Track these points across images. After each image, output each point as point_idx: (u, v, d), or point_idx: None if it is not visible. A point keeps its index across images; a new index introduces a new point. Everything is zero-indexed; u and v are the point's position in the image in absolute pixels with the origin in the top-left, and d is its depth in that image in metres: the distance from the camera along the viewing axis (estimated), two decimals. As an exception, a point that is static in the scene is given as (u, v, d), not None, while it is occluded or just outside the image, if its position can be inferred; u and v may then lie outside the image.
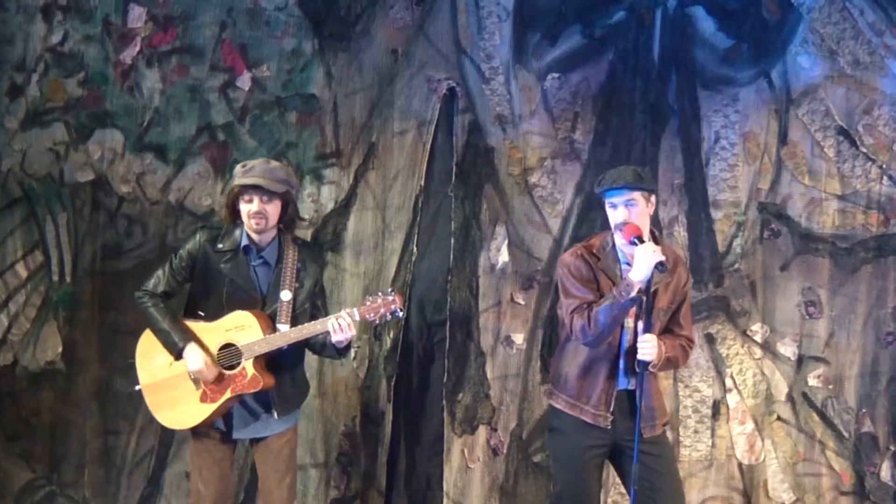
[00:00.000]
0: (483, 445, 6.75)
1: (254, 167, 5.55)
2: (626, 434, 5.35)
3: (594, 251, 5.43)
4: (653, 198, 5.42)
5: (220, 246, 5.62)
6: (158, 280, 5.67)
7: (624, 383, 5.40)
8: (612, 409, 5.37)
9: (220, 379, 5.52)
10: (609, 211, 5.35)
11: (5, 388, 6.95)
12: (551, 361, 5.69)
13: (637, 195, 5.32)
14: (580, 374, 5.42)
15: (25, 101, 6.90)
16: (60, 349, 6.90)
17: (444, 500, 6.72)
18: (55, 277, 6.92)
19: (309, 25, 6.82)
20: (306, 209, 6.78)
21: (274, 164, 5.64)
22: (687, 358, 5.58)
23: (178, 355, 5.55)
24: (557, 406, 5.48)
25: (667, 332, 5.48)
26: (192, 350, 5.52)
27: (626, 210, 5.29)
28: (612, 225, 5.35)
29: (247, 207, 5.53)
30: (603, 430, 5.38)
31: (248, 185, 5.50)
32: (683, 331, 5.52)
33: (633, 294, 5.19)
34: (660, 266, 5.13)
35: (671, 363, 5.45)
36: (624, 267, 5.39)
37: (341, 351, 5.57)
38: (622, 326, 5.36)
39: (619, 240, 5.35)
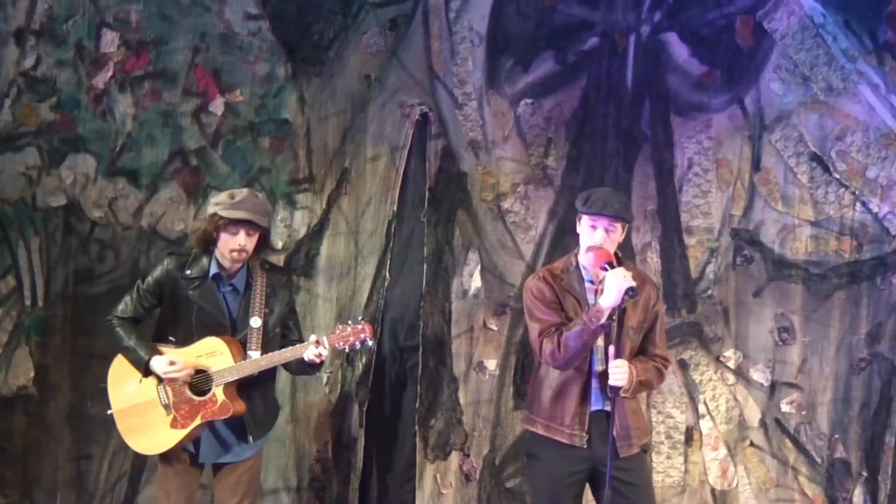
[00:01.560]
0: (456, 471, 6.75)
1: (243, 200, 5.51)
2: (603, 459, 5.28)
3: (556, 273, 5.43)
4: (627, 227, 5.45)
5: (188, 272, 5.62)
6: (126, 305, 5.69)
7: (599, 404, 5.37)
8: (586, 429, 5.34)
9: (190, 402, 5.53)
10: (585, 229, 5.33)
11: (-23, 413, 6.96)
12: (528, 387, 5.68)
13: (618, 224, 5.33)
14: (553, 396, 5.40)
15: (-2, 126, 6.92)
16: (32, 374, 6.88)
17: (417, 526, 6.74)
18: (27, 302, 6.90)
19: (282, 50, 6.81)
20: (279, 234, 6.78)
21: (261, 196, 5.67)
22: (662, 378, 5.56)
23: (145, 369, 5.55)
24: (534, 430, 5.46)
25: (641, 352, 5.47)
26: (157, 360, 5.53)
27: (605, 235, 5.28)
28: (584, 244, 5.35)
29: (231, 240, 5.51)
30: (581, 454, 5.35)
31: (238, 220, 5.50)
32: (658, 350, 5.50)
33: (604, 320, 5.19)
34: (630, 292, 5.12)
35: (644, 386, 5.44)
36: (588, 286, 5.39)
37: (315, 367, 5.58)
38: (592, 347, 5.34)
39: (587, 261, 5.34)
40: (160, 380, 5.58)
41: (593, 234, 5.31)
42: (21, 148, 6.90)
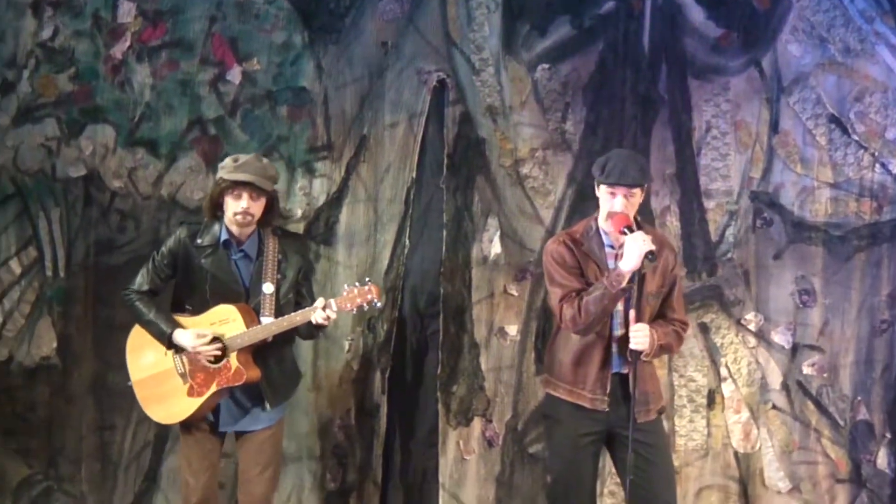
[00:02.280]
0: (478, 437, 6.75)
1: (246, 163, 5.55)
2: (620, 421, 5.36)
3: (577, 237, 5.44)
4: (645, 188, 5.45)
5: (199, 241, 5.65)
6: (143, 278, 5.72)
7: (617, 367, 5.41)
8: (608, 392, 5.37)
9: (206, 370, 5.55)
10: (605, 196, 5.35)
11: (1, 385, 6.97)
12: (545, 351, 5.70)
13: (637, 189, 5.33)
14: (574, 360, 5.42)
15: (17, 98, 6.90)
16: (55, 344, 6.91)
17: (440, 492, 6.73)
18: (49, 273, 6.93)
19: (298, 18, 6.81)
20: (298, 202, 6.80)
21: (265, 160, 5.67)
22: (681, 342, 5.60)
23: (168, 342, 5.58)
24: (556, 394, 5.49)
25: (659, 316, 5.49)
26: (180, 334, 5.57)
27: (624, 201, 5.30)
28: (605, 210, 5.36)
29: (234, 203, 5.54)
30: (598, 416, 5.39)
31: (239, 182, 5.52)
32: (676, 314, 5.53)
33: (624, 284, 5.20)
34: (650, 255, 5.14)
35: (664, 350, 5.48)
36: (608, 251, 5.41)
37: (321, 328, 5.61)
38: (612, 312, 5.36)
39: (608, 227, 5.36)
40: (177, 349, 5.61)
41: (612, 200, 5.32)
42: (40, 119, 6.91)
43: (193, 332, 5.55)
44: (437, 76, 6.76)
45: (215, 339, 5.54)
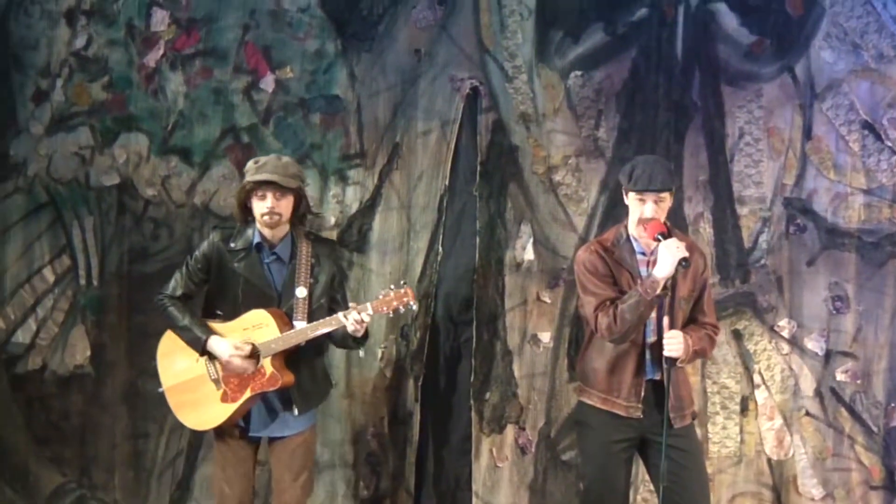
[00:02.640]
0: (511, 444, 6.75)
1: (266, 163, 5.58)
2: (654, 427, 5.37)
3: (608, 245, 5.46)
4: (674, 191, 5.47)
5: (232, 245, 5.66)
6: (176, 283, 5.73)
7: (650, 373, 5.43)
8: (642, 399, 5.39)
9: (239, 376, 5.55)
10: (634, 203, 5.37)
11: (34, 393, 6.99)
12: (577, 359, 5.70)
13: (666, 193, 5.34)
14: (609, 369, 5.44)
15: (50, 106, 6.94)
16: (89, 353, 6.93)
17: (474, 500, 6.72)
18: (82, 281, 6.95)
19: (331, 26, 6.83)
20: (331, 210, 6.81)
21: (286, 159, 5.68)
22: (714, 346, 5.63)
23: (202, 349, 5.58)
24: (589, 402, 5.50)
25: (690, 320, 5.50)
26: (215, 341, 5.57)
27: (654, 207, 5.32)
28: (634, 217, 5.37)
29: (260, 204, 5.56)
30: (631, 422, 5.40)
31: (261, 182, 5.53)
32: (707, 318, 5.55)
33: (659, 291, 5.21)
34: (683, 262, 5.16)
35: (698, 355, 5.50)
36: (639, 257, 5.42)
37: (359, 340, 5.63)
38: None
39: (641, 234, 5.36)
40: (209, 355, 5.60)
41: (642, 207, 5.34)
42: (74, 128, 6.95)
43: (231, 343, 5.55)
44: (470, 83, 6.76)
45: (253, 355, 5.54)
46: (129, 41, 6.90)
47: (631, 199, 5.38)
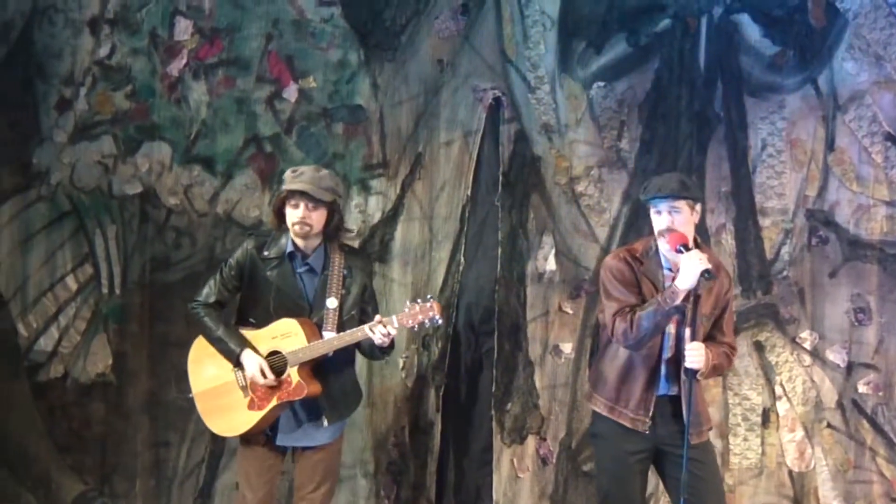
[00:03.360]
0: (532, 455, 6.74)
1: (303, 173, 5.58)
2: (668, 439, 5.37)
3: (637, 255, 5.45)
4: (698, 206, 5.44)
5: (266, 253, 5.66)
6: (210, 290, 5.73)
7: (665, 389, 5.42)
8: (651, 415, 5.38)
9: (267, 384, 5.55)
10: (654, 217, 5.38)
11: (56, 401, 7.01)
12: (591, 364, 5.69)
13: (681, 203, 5.34)
14: (619, 377, 5.44)
15: (74, 115, 6.97)
16: (110, 361, 6.96)
17: (494, 510, 6.74)
18: (105, 290, 6.98)
19: (354, 36, 6.85)
20: (354, 220, 6.82)
21: (323, 172, 5.68)
22: (730, 364, 5.62)
23: (235, 362, 5.60)
24: (597, 409, 5.51)
25: (709, 338, 5.48)
26: (248, 356, 5.58)
27: (669, 217, 5.31)
28: (656, 231, 5.37)
29: (292, 213, 5.57)
30: (646, 435, 5.39)
31: (295, 191, 5.54)
32: (726, 338, 5.54)
33: (678, 302, 5.22)
34: (706, 273, 5.15)
35: (717, 370, 5.49)
36: (666, 273, 5.41)
37: (385, 351, 5.64)
38: (663, 332, 5.38)
39: (664, 246, 5.36)
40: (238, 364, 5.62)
41: (659, 219, 5.35)
42: (97, 136, 6.98)
43: (259, 363, 5.55)
44: (492, 94, 6.77)
45: (275, 353, 5.55)
46: (152, 50, 6.92)
47: (651, 213, 5.39)
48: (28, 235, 7.10)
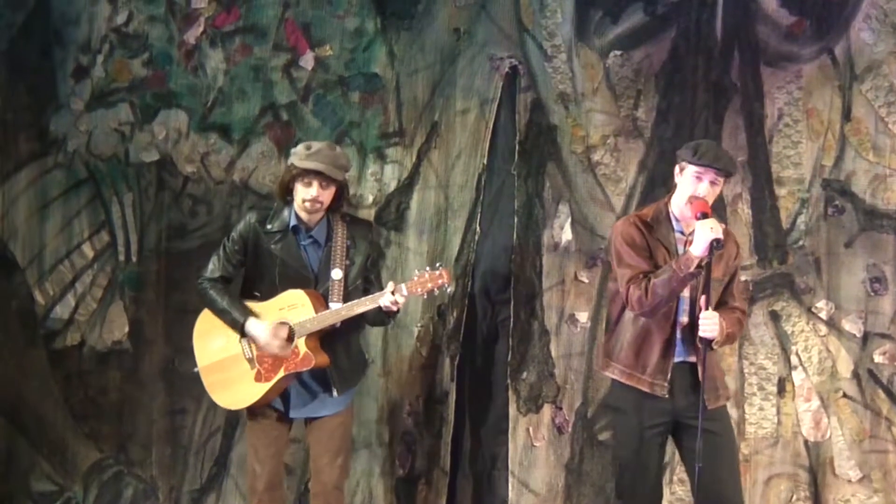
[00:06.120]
0: (548, 424, 6.74)
1: (319, 151, 5.56)
2: (687, 411, 5.37)
3: (647, 220, 5.46)
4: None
5: (269, 227, 5.67)
6: (214, 266, 5.75)
7: (682, 355, 5.42)
8: (668, 379, 5.38)
9: (274, 356, 5.55)
10: (689, 179, 5.37)
11: (73, 369, 7.02)
12: (605, 333, 5.69)
13: (723, 178, 5.40)
14: (635, 344, 5.45)
15: (91, 82, 6.97)
16: (127, 329, 6.96)
17: (510, 479, 6.71)
18: (121, 258, 6.98)
19: (371, 5, 6.84)
20: (370, 188, 6.82)
21: (338, 150, 5.68)
22: (742, 330, 5.70)
23: (241, 331, 5.59)
24: (613, 377, 5.51)
25: (720, 304, 5.49)
26: (253, 323, 5.57)
27: (710, 188, 5.34)
28: (682, 194, 5.38)
29: (304, 191, 5.56)
30: (662, 406, 5.40)
31: (310, 170, 5.53)
32: (736, 302, 5.57)
33: (693, 269, 5.21)
34: (715, 243, 5.15)
35: (730, 338, 5.51)
36: (678, 236, 5.42)
37: (392, 315, 5.67)
38: (678, 298, 5.38)
39: (683, 211, 5.37)
40: (244, 334, 5.61)
41: (698, 184, 5.35)
42: (114, 104, 6.98)
43: (269, 327, 5.55)
44: (509, 63, 6.76)
45: (282, 324, 5.55)
46: (169, 18, 6.92)
47: (686, 175, 5.37)
48: (45, 203, 7.10)
